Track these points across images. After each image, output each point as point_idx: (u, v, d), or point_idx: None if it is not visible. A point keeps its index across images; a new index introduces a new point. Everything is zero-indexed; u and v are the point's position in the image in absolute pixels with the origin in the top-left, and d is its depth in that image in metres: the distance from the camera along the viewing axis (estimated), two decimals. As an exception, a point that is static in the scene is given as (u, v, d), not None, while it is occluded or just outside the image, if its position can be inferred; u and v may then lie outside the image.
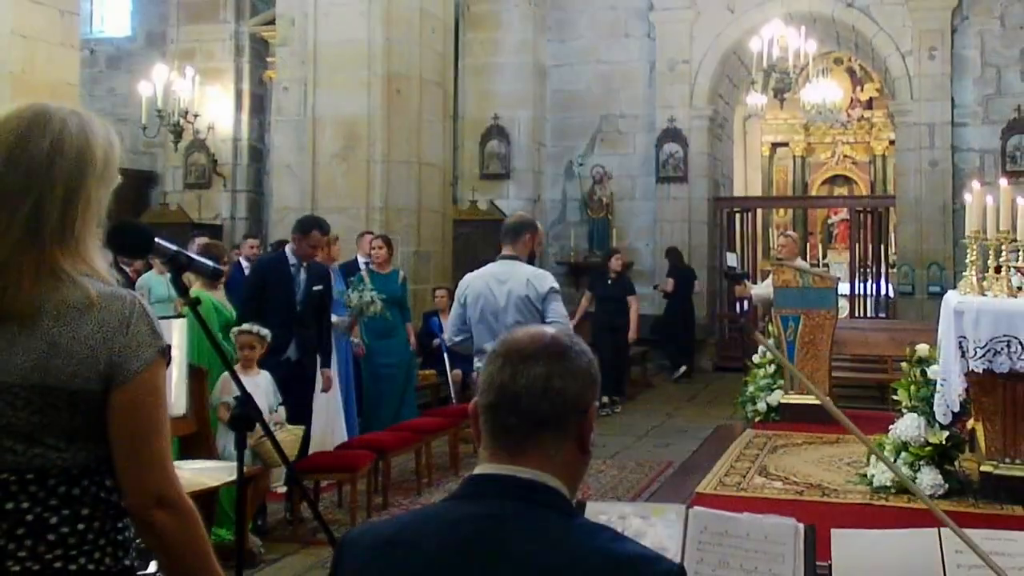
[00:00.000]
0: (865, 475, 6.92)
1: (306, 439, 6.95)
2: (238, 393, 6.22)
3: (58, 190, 1.93)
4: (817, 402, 8.92)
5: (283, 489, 7.08)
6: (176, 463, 3.64)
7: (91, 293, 1.92)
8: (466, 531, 1.61)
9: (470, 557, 1.58)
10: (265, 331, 6.52)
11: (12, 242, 1.90)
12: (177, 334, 5.57)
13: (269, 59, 15.72)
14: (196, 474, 4.90)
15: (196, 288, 6.40)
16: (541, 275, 5.92)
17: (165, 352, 1.99)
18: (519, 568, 1.56)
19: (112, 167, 2.04)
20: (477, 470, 1.70)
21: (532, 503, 1.63)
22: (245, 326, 6.58)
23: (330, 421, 8.05)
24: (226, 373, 6.16)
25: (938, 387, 6.57)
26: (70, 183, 1.95)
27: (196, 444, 6.05)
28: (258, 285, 7.24)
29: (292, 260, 7.24)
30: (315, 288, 7.29)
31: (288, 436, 6.38)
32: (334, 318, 8.06)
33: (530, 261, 6.11)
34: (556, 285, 5.85)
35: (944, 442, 6.71)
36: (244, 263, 10.85)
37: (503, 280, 5.76)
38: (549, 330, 1.74)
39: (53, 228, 1.92)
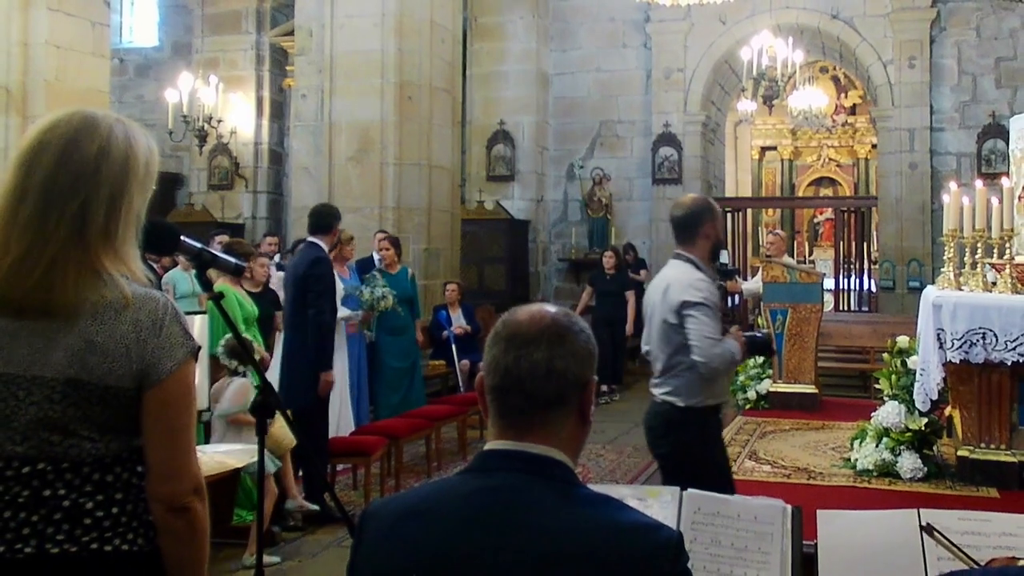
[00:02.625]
0: (849, 459, 6.92)
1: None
2: (228, 402, 6.15)
3: (104, 193, 1.93)
4: (804, 391, 8.94)
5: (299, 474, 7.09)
6: (200, 447, 3.65)
7: (127, 293, 1.92)
8: (479, 502, 1.63)
9: (483, 526, 1.60)
10: (221, 352, 6.01)
11: (61, 241, 1.89)
12: (199, 330, 5.56)
13: (288, 68, 15.74)
14: (222, 456, 4.90)
15: (220, 283, 6.37)
16: (680, 281, 4.23)
17: (196, 352, 1.99)
18: (529, 535, 1.57)
19: (152, 173, 2.04)
20: (488, 446, 1.71)
21: (540, 475, 1.64)
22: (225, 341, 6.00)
23: (339, 411, 8.02)
24: (218, 383, 6.15)
25: (918, 376, 6.57)
26: (115, 186, 1.94)
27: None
28: (332, 280, 7.04)
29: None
30: None
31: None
32: (346, 312, 8.05)
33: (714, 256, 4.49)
34: (696, 295, 4.14)
35: (923, 428, 6.71)
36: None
37: (653, 287, 4.45)
38: (548, 310, 1.72)
39: (98, 229, 1.92)
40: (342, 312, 7.86)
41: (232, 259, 2.61)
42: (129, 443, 1.96)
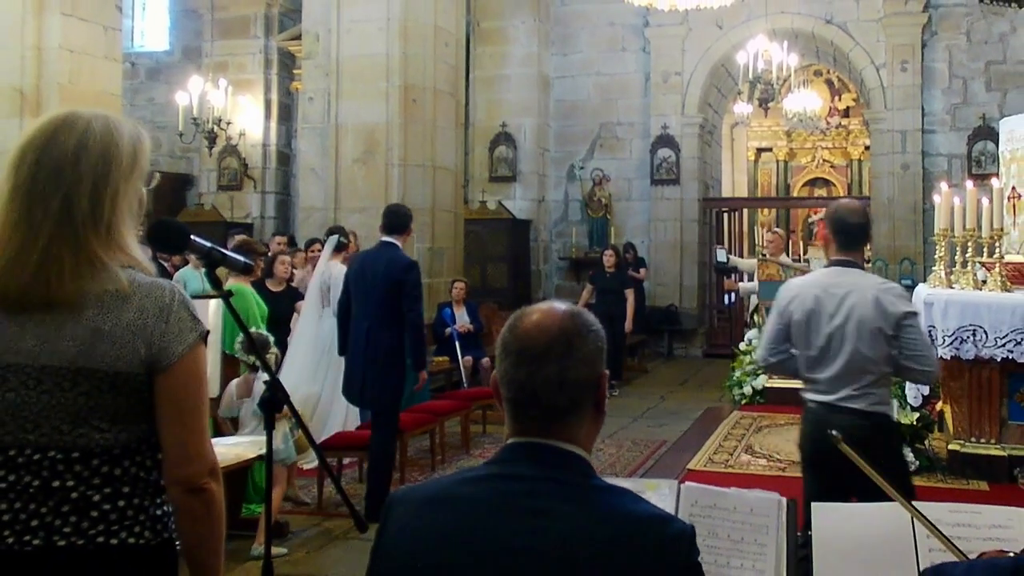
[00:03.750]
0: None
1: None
2: (240, 402, 6.11)
3: (86, 184, 1.93)
4: (799, 386, 8.92)
5: (311, 466, 7.09)
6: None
7: (125, 282, 1.92)
8: (501, 489, 1.64)
9: (504, 512, 1.61)
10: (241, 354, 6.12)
11: (48, 235, 1.90)
12: (212, 316, 5.56)
13: (296, 71, 15.72)
14: (231, 448, 4.91)
15: (234, 281, 6.36)
16: (891, 291, 3.95)
17: (205, 336, 2.00)
18: (548, 522, 1.58)
19: (140, 163, 2.03)
20: (509, 440, 1.71)
21: (559, 467, 1.65)
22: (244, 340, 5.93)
23: (347, 406, 7.97)
24: (232, 383, 6.15)
25: (910, 372, 6.56)
26: (97, 178, 1.94)
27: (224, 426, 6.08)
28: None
29: None
30: None
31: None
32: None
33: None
34: (911, 306, 3.93)
35: (915, 423, 6.71)
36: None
37: (839, 293, 3.97)
38: (555, 314, 1.70)
39: (84, 218, 1.92)
40: None
41: (241, 258, 2.61)
42: (139, 433, 1.96)
